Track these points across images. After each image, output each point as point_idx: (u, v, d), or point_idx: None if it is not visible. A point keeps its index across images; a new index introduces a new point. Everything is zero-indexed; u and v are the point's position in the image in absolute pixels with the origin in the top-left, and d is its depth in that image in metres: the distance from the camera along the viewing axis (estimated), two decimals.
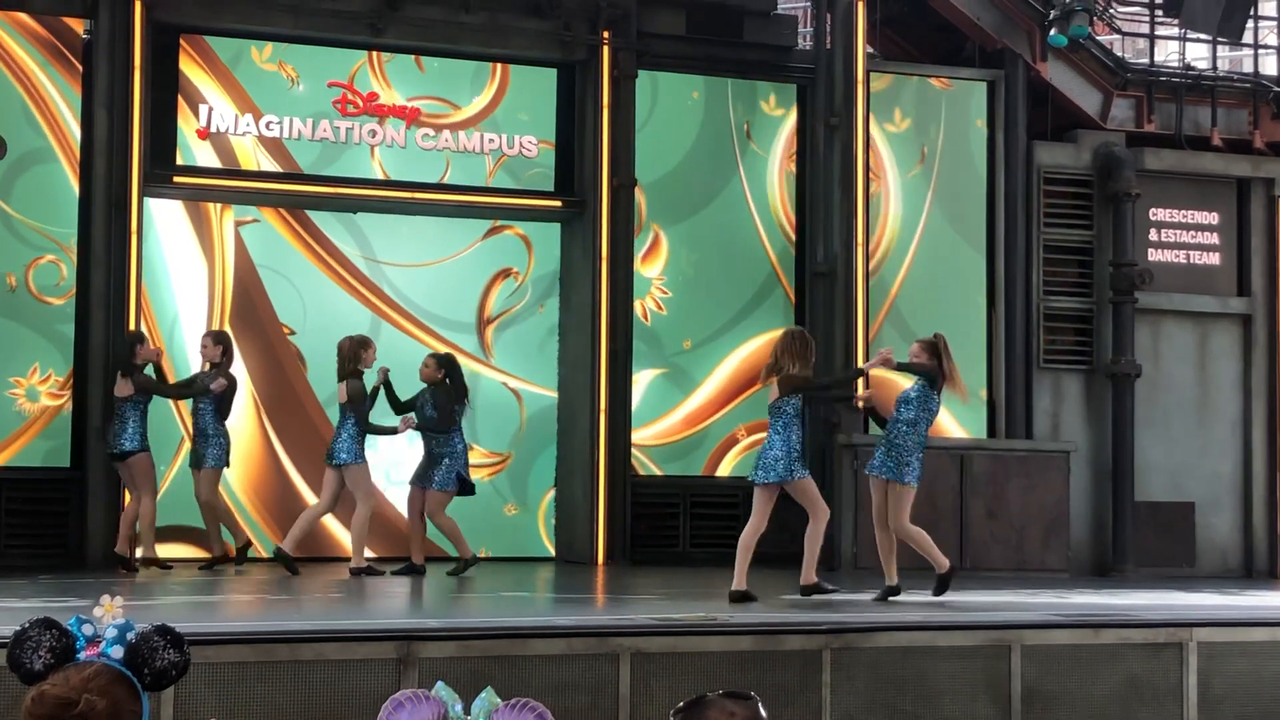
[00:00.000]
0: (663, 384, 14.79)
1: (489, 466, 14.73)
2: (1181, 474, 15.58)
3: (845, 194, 14.64)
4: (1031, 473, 14.73)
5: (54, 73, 13.12)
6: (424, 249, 15.04)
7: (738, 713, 2.66)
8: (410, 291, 15.02)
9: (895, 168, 15.09)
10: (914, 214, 15.09)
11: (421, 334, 14.92)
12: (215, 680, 7.39)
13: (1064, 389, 15.34)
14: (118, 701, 2.68)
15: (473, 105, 14.49)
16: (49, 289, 13.02)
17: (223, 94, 13.82)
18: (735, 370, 14.92)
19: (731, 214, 14.98)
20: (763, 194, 15.03)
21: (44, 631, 2.74)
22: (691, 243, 14.89)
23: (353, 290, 14.89)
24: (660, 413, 14.75)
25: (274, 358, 14.58)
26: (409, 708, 2.56)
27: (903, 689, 8.75)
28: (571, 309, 14.83)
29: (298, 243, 14.74)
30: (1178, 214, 15.78)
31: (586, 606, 10.89)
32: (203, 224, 14.40)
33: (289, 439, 14.52)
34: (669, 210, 14.83)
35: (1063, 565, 14.60)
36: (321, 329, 14.42)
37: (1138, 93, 15.89)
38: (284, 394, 14.58)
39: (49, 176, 13.09)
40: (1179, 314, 15.71)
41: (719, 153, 14.96)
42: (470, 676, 7.47)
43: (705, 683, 7.71)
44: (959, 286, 15.13)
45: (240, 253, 14.52)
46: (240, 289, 14.47)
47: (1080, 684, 9.11)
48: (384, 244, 14.97)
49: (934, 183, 15.18)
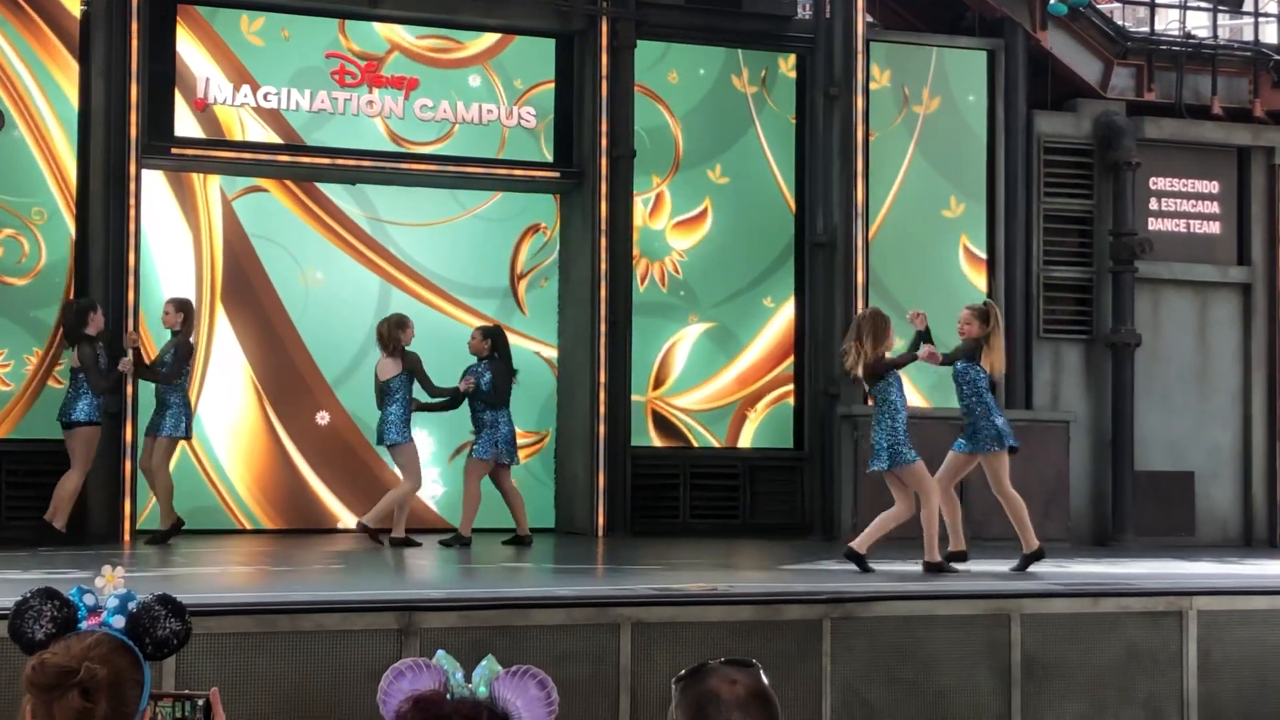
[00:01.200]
0: (707, 345, 14.65)
1: (526, 447, 14.41)
2: (1181, 443, 15.59)
3: (845, 164, 14.61)
4: (1031, 443, 14.69)
5: (11, 32, 12.94)
6: (437, 208, 14.90)
7: (740, 681, 2.65)
8: (422, 255, 14.87)
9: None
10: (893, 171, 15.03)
11: (442, 302, 14.81)
12: (216, 651, 7.41)
13: (1064, 359, 15.34)
14: (119, 670, 2.68)
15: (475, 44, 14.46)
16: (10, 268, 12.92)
17: (220, 65, 13.78)
18: (785, 328, 14.93)
19: (751, 169, 15.01)
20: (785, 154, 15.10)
21: (45, 601, 2.75)
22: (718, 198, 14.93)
23: (360, 257, 14.72)
24: (708, 375, 14.66)
25: (272, 334, 14.46)
26: (410, 676, 2.56)
27: (902, 658, 8.77)
28: (570, 281, 14.82)
29: (297, 208, 14.57)
30: (1178, 183, 15.75)
31: (587, 577, 10.91)
32: (186, 195, 14.24)
33: (290, 419, 14.40)
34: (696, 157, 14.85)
35: (1062, 535, 14.61)
36: (327, 303, 14.39)
37: (1138, 61, 15.84)
38: (284, 372, 14.45)
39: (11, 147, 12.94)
40: (1179, 283, 15.70)
41: (735, 110, 14.98)
42: (471, 647, 7.48)
43: (706, 652, 7.72)
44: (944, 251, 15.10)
45: (231, 224, 14.35)
46: (232, 262, 14.33)
47: (1080, 653, 9.13)
48: (391, 205, 14.79)
49: (915, 136, 15.10)
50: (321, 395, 14.46)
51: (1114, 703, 9.18)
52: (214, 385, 14.17)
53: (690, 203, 14.80)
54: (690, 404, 14.76)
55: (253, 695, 7.43)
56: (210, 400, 14.13)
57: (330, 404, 14.49)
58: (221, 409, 14.20)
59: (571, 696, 7.57)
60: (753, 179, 14.95)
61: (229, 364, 14.26)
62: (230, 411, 14.20)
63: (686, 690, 2.66)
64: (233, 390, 14.22)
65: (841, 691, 8.61)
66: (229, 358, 14.27)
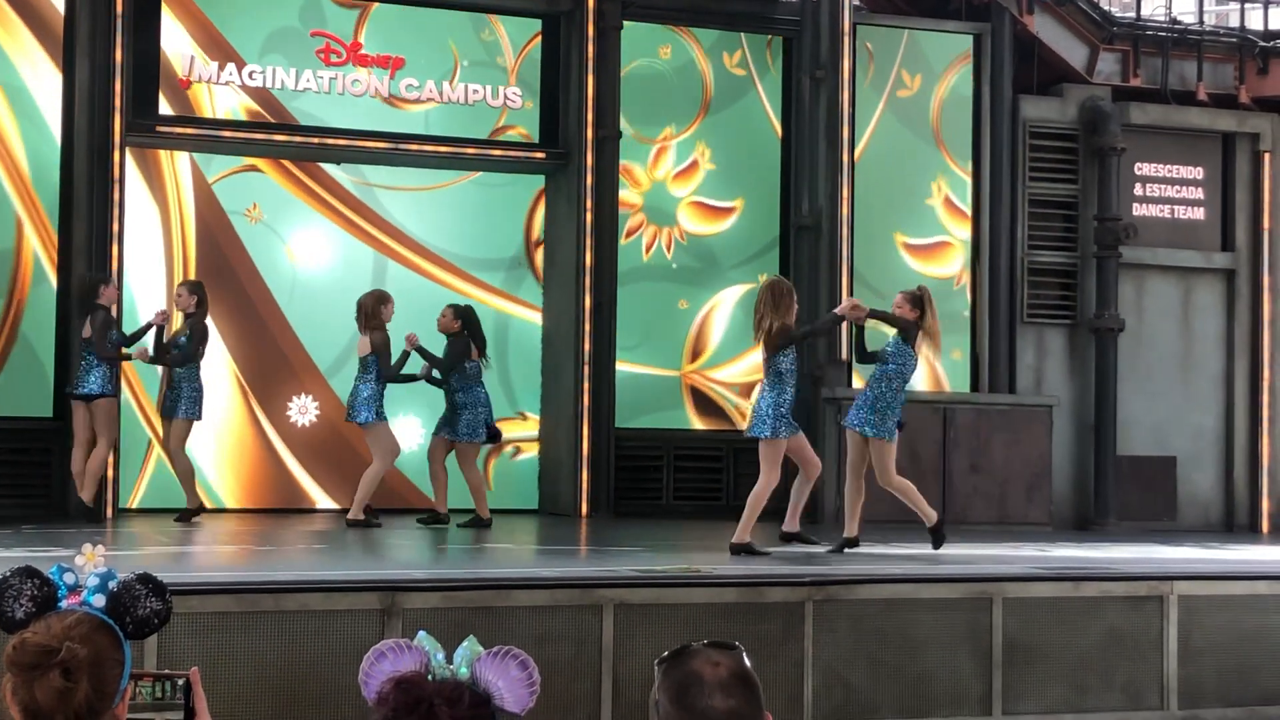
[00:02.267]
0: (742, 316, 14.65)
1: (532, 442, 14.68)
2: (1164, 429, 15.63)
3: (830, 147, 14.61)
4: (1015, 427, 14.78)
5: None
6: (435, 171, 14.81)
7: (722, 663, 2.65)
8: (421, 225, 14.79)
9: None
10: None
11: (446, 275, 14.77)
12: (198, 630, 7.40)
13: (1047, 343, 15.37)
14: (100, 650, 2.67)
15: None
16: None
17: (205, 43, 13.73)
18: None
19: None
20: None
21: (25, 580, 2.73)
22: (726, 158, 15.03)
23: (353, 229, 14.60)
24: (744, 348, 14.66)
25: (255, 319, 14.36)
26: (391, 658, 2.56)
27: (885, 641, 8.79)
28: (556, 262, 14.80)
29: (282, 179, 14.48)
30: (1162, 169, 15.78)
31: (570, 558, 10.92)
32: (152, 172, 14.11)
33: (274, 409, 14.34)
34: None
35: (1045, 519, 14.66)
36: (317, 283, 14.32)
37: (1124, 46, 15.85)
38: (269, 361, 14.34)
39: None
40: (1163, 269, 15.73)
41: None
42: (454, 628, 7.48)
43: (688, 634, 7.73)
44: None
45: (206, 201, 14.22)
46: (207, 241, 14.17)
47: (1061, 636, 9.16)
48: (384, 170, 14.68)
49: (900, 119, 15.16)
50: (312, 384, 14.36)
51: (1095, 686, 9.22)
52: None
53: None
54: (731, 377, 14.82)
55: (234, 675, 7.43)
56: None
57: (322, 393, 14.39)
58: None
59: (553, 677, 7.58)
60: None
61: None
62: (212, 401, 14.13)
63: (669, 672, 2.66)
64: (213, 378, 14.14)
65: (824, 674, 8.63)
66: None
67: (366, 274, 14.35)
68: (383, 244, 14.69)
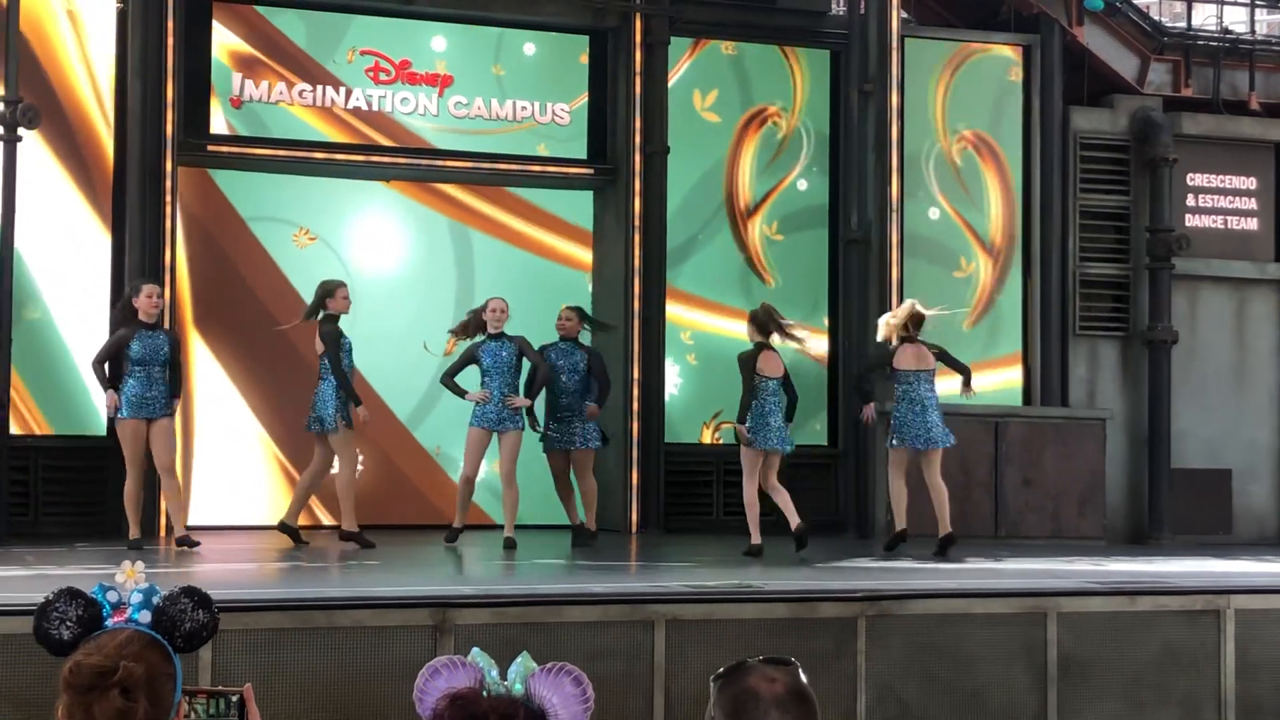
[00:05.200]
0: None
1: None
2: (1218, 441, 15.50)
3: (879, 161, 14.57)
4: (1067, 440, 14.67)
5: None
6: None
7: (778, 679, 2.64)
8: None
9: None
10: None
11: (560, 243, 14.84)
12: (252, 647, 7.42)
13: (1100, 356, 15.26)
14: (153, 666, 2.67)
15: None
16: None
17: (256, 62, 13.82)
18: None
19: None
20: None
21: (69, 602, 2.73)
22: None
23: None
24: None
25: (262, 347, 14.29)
26: (446, 674, 2.56)
27: (938, 656, 8.74)
28: (604, 279, 14.80)
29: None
30: (1215, 179, 15.66)
31: (621, 574, 10.90)
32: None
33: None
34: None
35: (1099, 533, 14.55)
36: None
37: (1175, 57, 15.75)
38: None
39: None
40: (1216, 280, 15.61)
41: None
42: (505, 644, 7.47)
43: (740, 650, 7.69)
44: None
45: (210, 201, 14.30)
46: (207, 247, 14.12)
47: (1116, 651, 9.08)
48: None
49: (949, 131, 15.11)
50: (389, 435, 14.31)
51: (1151, 702, 9.13)
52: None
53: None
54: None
55: (288, 691, 7.44)
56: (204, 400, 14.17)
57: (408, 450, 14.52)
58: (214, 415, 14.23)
59: (606, 693, 7.54)
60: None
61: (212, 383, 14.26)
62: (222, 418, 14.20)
63: (725, 688, 2.64)
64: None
65: (877, 690, 8.58)
66: (211, 377, 14.24)
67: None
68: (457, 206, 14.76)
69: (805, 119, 15.02)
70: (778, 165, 15.02)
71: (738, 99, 14.91)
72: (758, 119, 14.96)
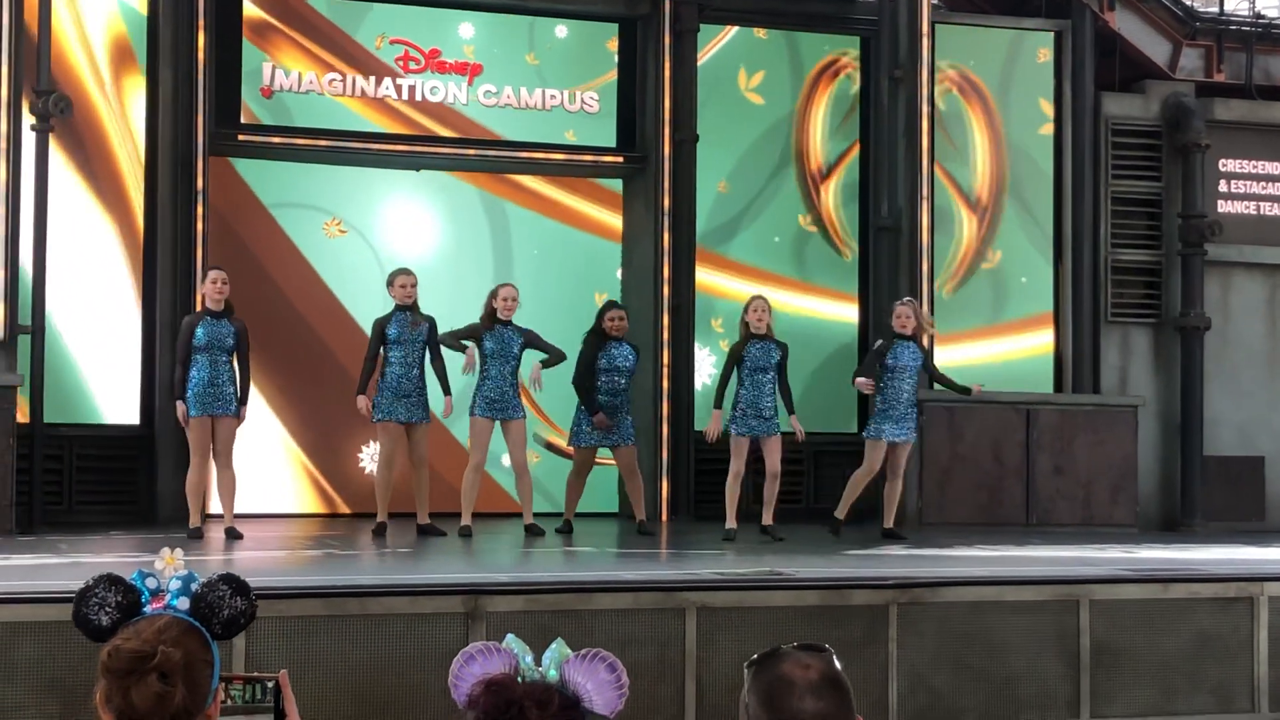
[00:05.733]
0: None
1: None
2: (1251, 428, 15.43)
3: (910, 148, 14.52)
4: (1099, 427, 14.62)
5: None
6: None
7: (813, 665, 2.64)
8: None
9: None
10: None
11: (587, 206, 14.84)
12: (285, 633, 7.46)
13: (1132, 343, 15.20)
14: (191, 652, 2.69)
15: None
16: None
17: (286, 52, 13.85)
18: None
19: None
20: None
21: (108, 588, 2.76)
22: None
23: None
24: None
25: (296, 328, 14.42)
26: (480, 660, 2.57)
27: (970, 644, 8.72)
28: (633, 267, 14.81)
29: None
30: (1248, 165, 15.58)
31: (651, 561, 10.91)
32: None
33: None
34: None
35: (1131, 520, 14.50)
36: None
37: (1207, 42, 15.67)
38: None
39: None
40: (1249, 266, 15.53)
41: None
42: (536, 630, 7.50)
43: (771, 637, 7.70)
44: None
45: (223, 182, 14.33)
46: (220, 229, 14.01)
47: (1149, 639, 9.05)
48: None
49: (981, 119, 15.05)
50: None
51: (1184, 689, 9.10)
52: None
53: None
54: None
55: (322, 678, 7.47)
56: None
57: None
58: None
59: (637, 680, 7.54)
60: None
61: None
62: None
63: (759, 674, 2.65)
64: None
65: (908, 677, 8.57)
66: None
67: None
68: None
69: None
70: (851, 127, 15.12)
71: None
72: (829, 70, 15.02)
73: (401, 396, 11.61)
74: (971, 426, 14.13)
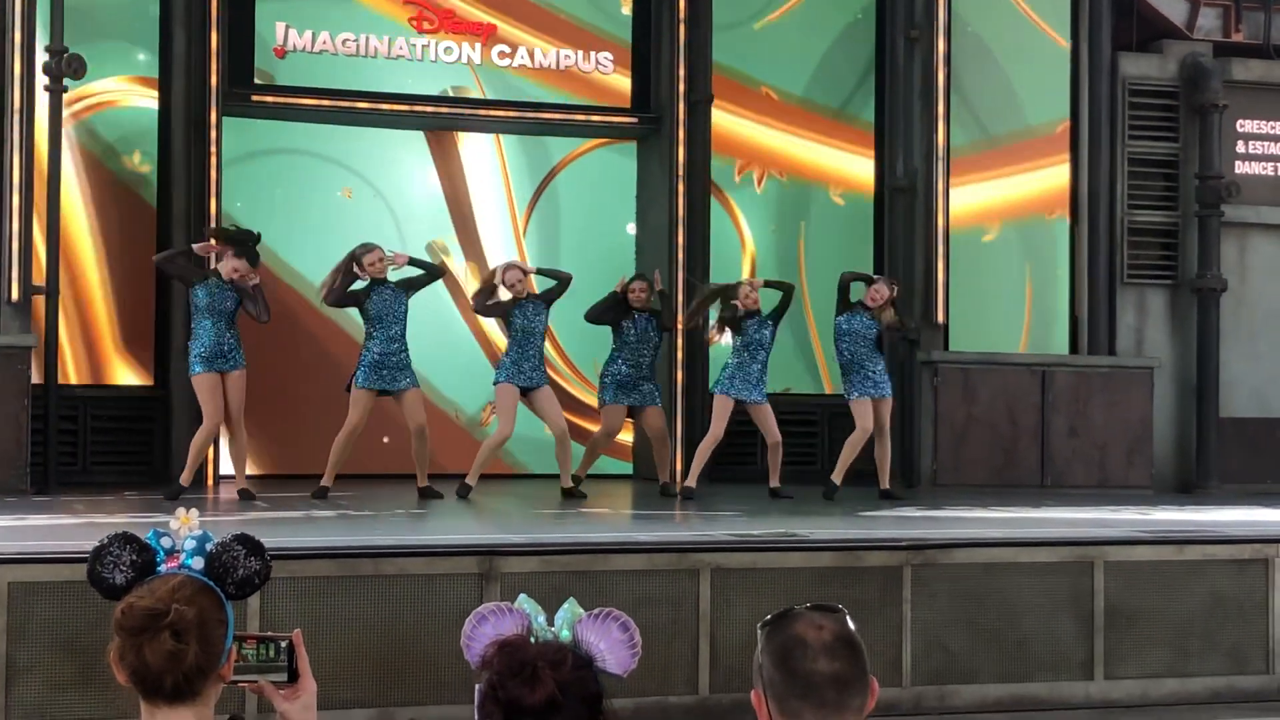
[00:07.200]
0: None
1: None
2: (1268, 390, 15.38)
3: (925, 108, 14.45)
4: (1115, 389, 14.59)
5: None
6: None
7: (826, 626, 2.63)
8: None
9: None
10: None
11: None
12: (299, 594, 7.48)
13: (1148, 304, 15.15)
14: (204, 610, 2.70)
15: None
16: None
17: (299, 11, 13.80)
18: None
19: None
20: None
21: (123, 546, 2.76)
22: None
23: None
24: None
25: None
26: (493, 621, 2.57)
27: (984, 605, 8.73)
28: (648, 227, 14.77)
29: None
30: (1265, 125, 15.49)
31: (666, 523, 10.93)
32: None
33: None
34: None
35: (1146, 482, 14.48)
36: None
37: (1225, 2, 15.57)
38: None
39: None
40: (1266, 227, 15.45)
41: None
42: (552, 591, 7.51)
43: (785, 598, 7.71)
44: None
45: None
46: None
47: (1164, 600, 9.06)
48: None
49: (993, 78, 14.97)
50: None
51: (1198, 650, 9.11)
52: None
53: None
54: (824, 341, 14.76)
55: (336, 638, 7.50)
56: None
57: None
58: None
59: (652, 640, 7.56)
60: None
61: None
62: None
63: (773, 635, 2.64)
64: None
65: (923, 638, 8.58)
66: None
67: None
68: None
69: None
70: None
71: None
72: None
73: (384, 370, 11.58)
74: (986, 388, 14.11)
